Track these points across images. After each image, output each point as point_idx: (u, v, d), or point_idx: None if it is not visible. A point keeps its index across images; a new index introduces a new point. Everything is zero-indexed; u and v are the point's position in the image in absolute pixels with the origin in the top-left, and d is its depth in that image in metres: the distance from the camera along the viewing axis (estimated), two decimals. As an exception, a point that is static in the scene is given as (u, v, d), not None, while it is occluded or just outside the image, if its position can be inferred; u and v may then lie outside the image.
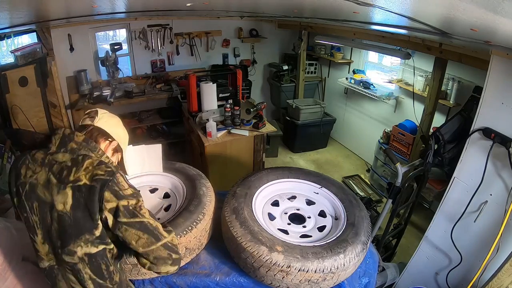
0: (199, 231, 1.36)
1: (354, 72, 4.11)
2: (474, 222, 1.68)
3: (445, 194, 1.84)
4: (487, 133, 1.55)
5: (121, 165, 1.19)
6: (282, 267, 1.21)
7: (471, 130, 1.64)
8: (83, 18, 2.98)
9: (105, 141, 1.08)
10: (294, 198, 1.69)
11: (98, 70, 3.81)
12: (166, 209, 1.56)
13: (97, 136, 1.05)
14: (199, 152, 2.89)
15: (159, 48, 4.00)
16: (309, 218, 1.55)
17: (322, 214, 1.60)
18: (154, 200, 1.60)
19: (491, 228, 1.59)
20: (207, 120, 2.72)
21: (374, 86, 3.78)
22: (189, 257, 1.39)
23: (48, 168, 0.96)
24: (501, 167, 1.54)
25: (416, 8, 0.99)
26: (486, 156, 1.56)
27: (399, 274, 2.17)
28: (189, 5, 1.98)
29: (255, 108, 2.97)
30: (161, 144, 1.74)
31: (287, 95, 4.59)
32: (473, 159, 1.66)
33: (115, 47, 3.50)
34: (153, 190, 1.67)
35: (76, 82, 3.57)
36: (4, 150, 2.16)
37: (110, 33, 4.07)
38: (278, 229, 1.47)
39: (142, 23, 3.81)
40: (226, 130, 2.80)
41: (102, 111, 1.11)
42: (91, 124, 1.06)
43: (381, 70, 4.03)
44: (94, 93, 3.55)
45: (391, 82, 3.59)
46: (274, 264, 1.21)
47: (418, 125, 2.89)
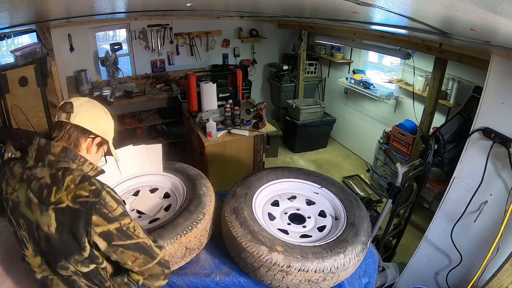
0: (199, 231, 1.36)
1: (354, 72, 4.11)
2: (474, 222, 1.68)
3: (445, 194, 1.84)
4: (487, 133, 1.55)
5: (108, 154, 1.10)
6: (282, 267, 1.21)
7: (471, 130, 1.64)
8: (83, 18, 2.99)
9: (87, 139, 0.97)
10: (294, 198, 1.69)
11: (98, 70, 3.81)
12: (166, 209, 1.56)
13: (77, 135, 0.95)
14: (199, 152, 2.89)
15: (159, 48, 4.00)
16: (309, 218, 1.55)
17: (322, 214, 1.59)
18: (154, 200, 1.60)
19: (491, 228, 1.59)
20: (207, 120, 2.72)
21: (374, 86, 3.77)
22: (189, 257, 1.39)
23: (26, 185, 0.90)
24: (501, 167, 1.54)
25: (416, 8, 0.99)
26: (486, 156, 1.56)
27: (399, 274, 2.17)
28: (189, 5, 1.98)
29: (255, 108, 2.97)
30: (161, 144, 1.74)
31: (287, 95, 4.59)
32: (473, 159, 1.66)
33: (115, 47, 3.51)
34: (153, 190, 1.67)
35: (76, 82, 3.57)
36: (4, 150, 2.15)
37: (110, 33, 4.07)
38: (278, 229, 1.47)
39: (142, 23, 3.81)
40: (226, 130, 2.81)
41: (78, 103, 0.96)
42: (68, 121, 0.94)
43: (381, 70, 4.03)
44: (94, 93, 3.56)
45: (391, 82, 3.59)
46: (274, 264, 1.21)
47: (418, 125, 2.89)
